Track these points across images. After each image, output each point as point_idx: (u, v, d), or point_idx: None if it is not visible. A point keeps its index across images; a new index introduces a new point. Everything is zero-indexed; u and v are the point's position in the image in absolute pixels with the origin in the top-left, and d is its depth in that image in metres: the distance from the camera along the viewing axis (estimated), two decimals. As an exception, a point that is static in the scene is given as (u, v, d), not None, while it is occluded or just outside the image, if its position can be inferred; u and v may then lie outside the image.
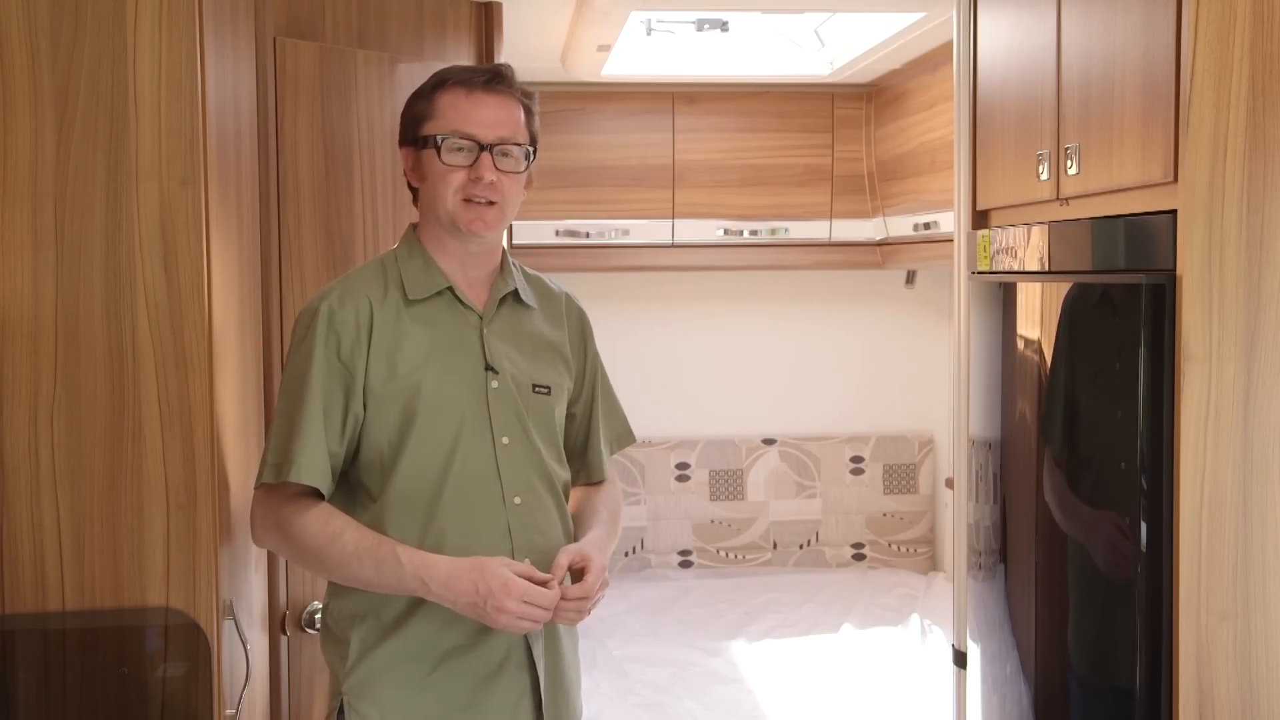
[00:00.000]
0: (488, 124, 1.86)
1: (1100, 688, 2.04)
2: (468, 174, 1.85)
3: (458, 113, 1.86)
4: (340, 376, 1.81)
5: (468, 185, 1.85)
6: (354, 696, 1.83)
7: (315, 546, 1.78)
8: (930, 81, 3.83)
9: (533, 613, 1.75)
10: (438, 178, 1.86)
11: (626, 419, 2.14)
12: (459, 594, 1.74)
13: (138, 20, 1.70)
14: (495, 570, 1.74)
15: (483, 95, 1.87)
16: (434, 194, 1.87)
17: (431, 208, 1.89)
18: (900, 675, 3.67)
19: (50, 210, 1.70)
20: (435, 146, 1.85)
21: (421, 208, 1.93)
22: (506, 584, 1.73)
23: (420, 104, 1.89)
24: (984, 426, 2.48)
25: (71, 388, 1.71)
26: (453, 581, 1.74)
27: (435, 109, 1.87)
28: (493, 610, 1.73)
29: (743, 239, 4.43)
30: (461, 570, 1.75)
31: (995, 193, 2.46)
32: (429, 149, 1.86)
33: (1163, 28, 1.80)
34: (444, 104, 1.87)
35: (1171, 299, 1.78)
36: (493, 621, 1.75)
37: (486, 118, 1.86)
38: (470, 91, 1.86)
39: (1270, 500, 1.79)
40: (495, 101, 1.87)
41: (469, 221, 1.86)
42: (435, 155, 1.85)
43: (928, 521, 4.84)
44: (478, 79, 1.88)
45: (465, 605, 1.75)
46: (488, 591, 1.73)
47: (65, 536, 1.71)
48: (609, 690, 3.60)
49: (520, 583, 1.74)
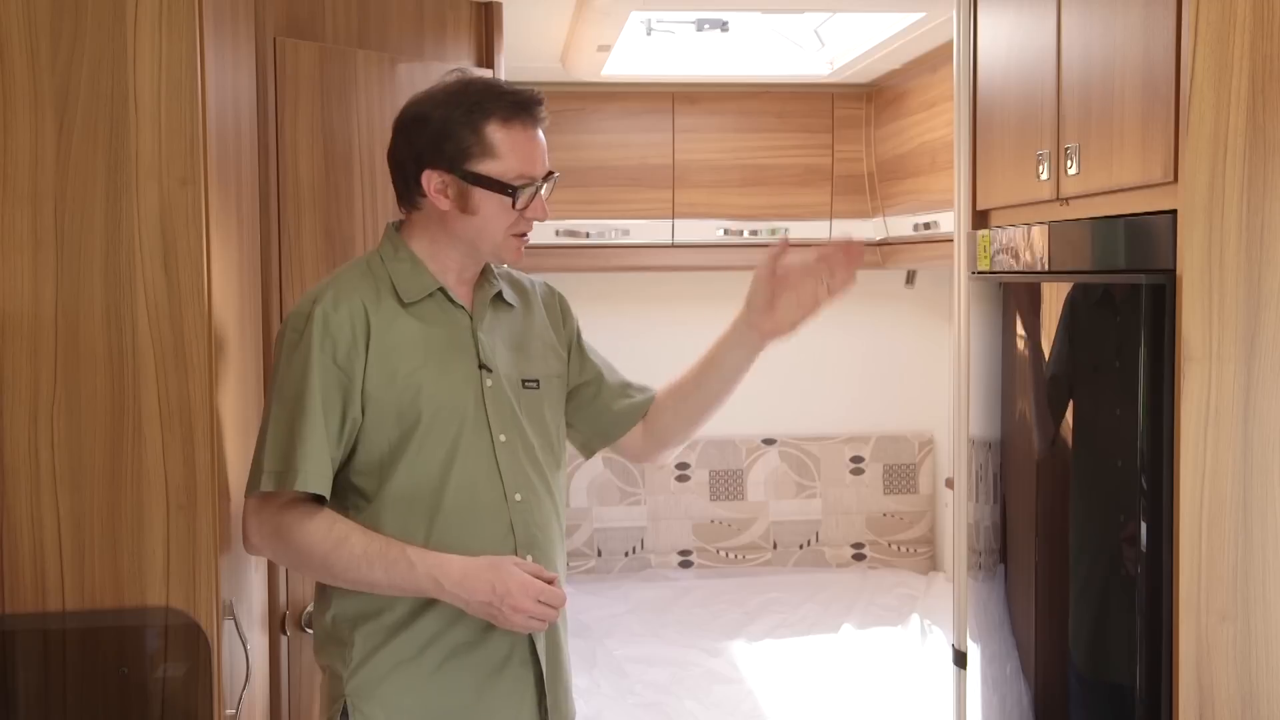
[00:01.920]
0: (544, 162, 1.86)
1: (1100, 688, 2.04)
2: (522, 214, 1.85)
3: (526, 157, 1.83)
4: (338, 381, 1.80)
5: (521, 223, 1.86)
6: (358, 698, 1.83)
7: (320, 553, 1.77)
8: (930, 81, 3.83)
9: (546, 612, 1.76)
10: (495, 217, 1.84)
11: None
12: (474, 593, 1.74)
13: (138, 20, 1.70)
14: (511, 570, 1.75)
15: (535, 129, 1.85)
16: (484, 230, 1.85)
17: (471, 239, 1.86)
18: (900, 675, 3.67)
19: (50, 210, 1.70)
20: (510, 194, 1.82)
21: (437, 226, 1.87)
22: (524, 584, 1.74)
23: (466, 133, 1.82)
24: (984, 426, 2.48)
25: (71, 388, 1.71)
26: (468, 581, 1.75)
27: (496, 147, 1.82)
28: (509, 610, 1.73)
29: (743, 239, 4.43)
30: (477, 570, 1.75)
31: (995, 193, 2.46)
32: (497, 192, 1.82)
33: (1163, 28, 1.80)
34: (508, 144, 1.82)
35: (1171, 299, 1.78)
36: (506, 621, 1.75)
37: (542, 156, 1.86)
38: (525, 127, 1.84)
39: (1270, 500, 1.79)
40: (540, 135, 1.87)
41: (515, 253, 1.88)
42: (504, 200, 1.82)
43: (928, 521, 4.84)
44: (531, 116, 1.84)
45: (479, 605, 1.75)
46: (505, 591, 1.73)
47: (65, 536, 1.71)
48: (609, 690, 3.60)
49: (536, 583, 1.75)
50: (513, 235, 1.86)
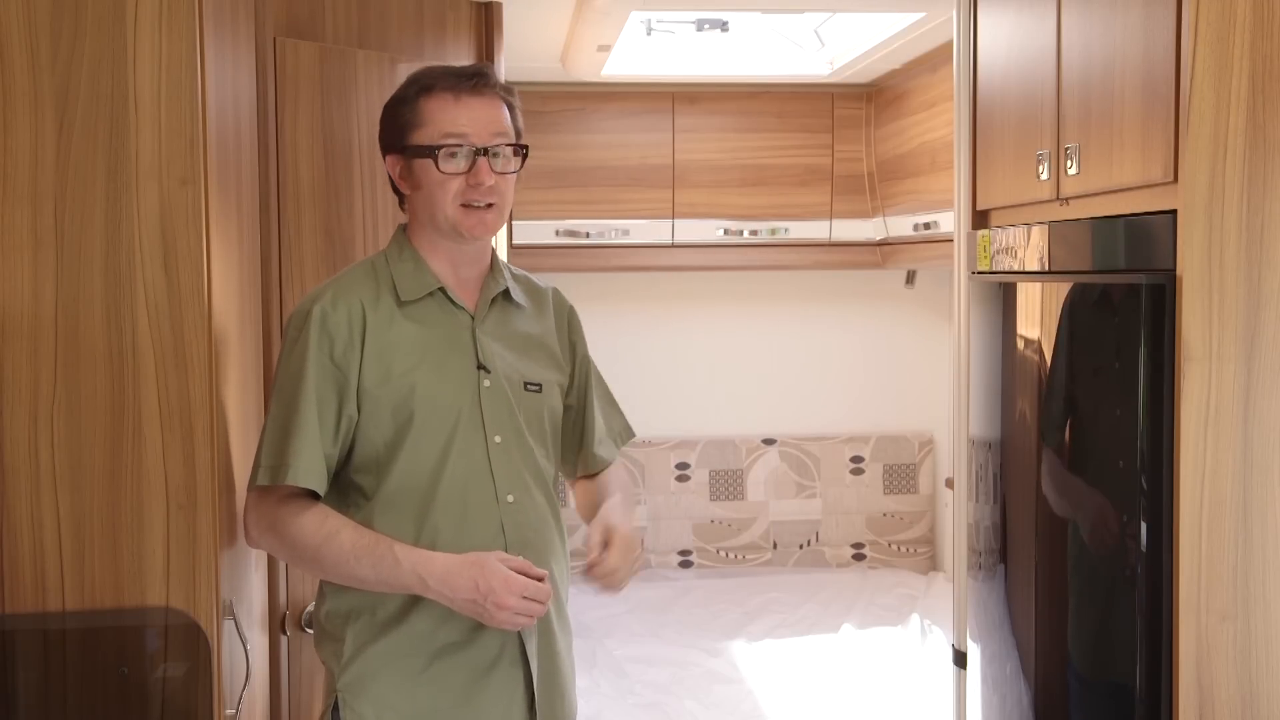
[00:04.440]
0: (478, 125, 1.85)
1: (1100, 687, 2.04)
2: (465, 180, 1.85)
3: (448, 118, 1.85)
4: (334, 378, 1.82)
5: (466, 191, 1.85)
6: (349, 693, 1.84)
7: (312, 546, 1.78)
8: (930, 81, 3.83)
9: (531, 608, 1.75)
10: (435, 186, 1.85)
11: (624, 416, 2.15)
12: (457, 590, 1.74)
13: (138, 20, 1.70)
14: (495, 567, 1.75)
15: (470, 98, 1.86)
16: (431, 202, 1.86)
17: (428, 214, 1.88)
18: (900, 675, 3.67)
19: (50, 210, 1.70)
20: (432, 155, 1.84)
21: (413, 213, 1.92)
22: (507, 580, 1.74)
23: (404, 111, 1.87)
24: (984, 426, 2.48)
25: (71, 388, 1.70)
26: (451, 578, 1.75)
27: (423, 116, 1.86)
28: (492, 607, 1.73)
29: (743, 239, 4.43)
30: (460, 567, 1.75)
31: (995, 193, 2.46)
32: (424, 158, 1.85)
33: (1163, 28, 1.80)
34: (431, 110, 1.85)
35: (1171, 299, 1.78)
36: (490, 618, 1.75)
37: (476, 119, 1.85)
38: (458, 96, 1.85)
39: (1270, 500, 1.79)
40: (482, 103, 1.87)
41: (471, 227, 1.86)
42: (432, 164, 1.84)
43: (928, 521, 4.84)
44: (464, 83, 1.86)
45: (463, 602, 1.75)
46: (488, 589, 1.73)
47: (65, 536, 1.71)
48: (609, 690, 3.61)
49: (520, 579, 1.75)
50: (462, 206, 1.86)
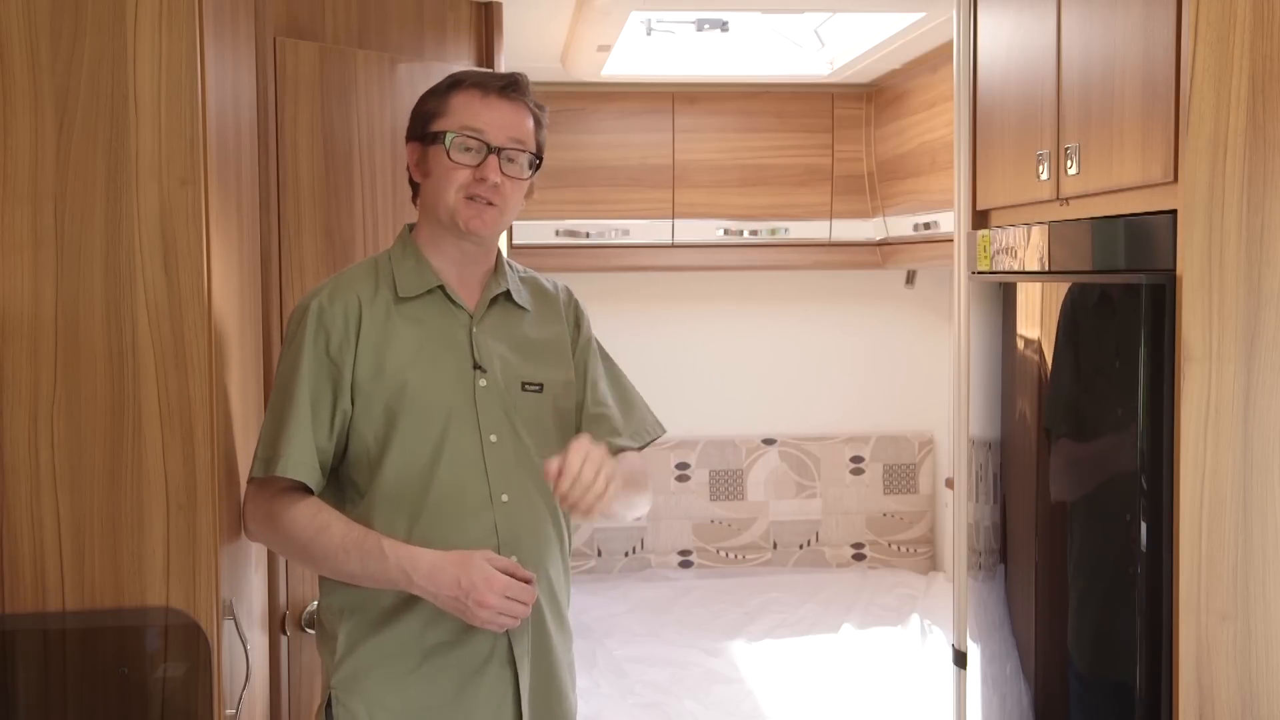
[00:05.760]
0: (498, 126, 1.88)
1: (1100, 687, 2.04)
2: (473, 173, 1.87)
3: (470, 112, 1.88)
4: (329, 372, 1.84)
5: (472, 184, 1.87)
6: (341, 690, 1.85)
7: (303, 540, 1.79)
8: (930, 81, 3.83)
9: (513, 608, 1.75)
10: (443, 174, 1.88)
11: (648, 410, 2.08)
12: (441, 587, 1.75)
13: (138, 20, 1.70)
14: (479, 565, 1.75)
15: (497, 99, 1.89)
16: (437, 189, 1.89)
17: (432, 203, 1.90)
18: (900, 675, 3.67)
19: (50, 210, 1.70)
20: (444, 143, 1.87)
21: (422, 204, 1.95)
22: (489, 579, 1.74)
23: (433, 101, 1.92)
24: (984, 426, 2.48)
25: (71, 388, 1.70)
26: (435, 574, 1.75)
27: (448, 107, 1.89)
28: (474, 605, 1.73)
29: (743, 239, 4.43)
30: (445, 563, 1.76)
31: (995, 193, 2.46)
32: (437, 145, 1.88)
33: (1163, 28, 1.80)
34: (457, 103, 1.89)
35: (1171, 299, 1.78)
36: (472, 616, 1.75)
37: (497, 120, 1.88)
38: (485, 94, 1.89)
39: (1270, 500, 1.79)
40: (508, 106, 1.90)
41: (469, 219, 1.87)
42: (443, 152, 1.87)
43: (928, 521, 4.84)
44: (494, 83, 1.90)
45: (447, 599, 1.75)
46: (470, 586, 1.73)
47: (65, 536, 1.71)
48: (609, 690, 3.60)
49: (502, 578, 1.75)
50: (466, 197, 1.87)
